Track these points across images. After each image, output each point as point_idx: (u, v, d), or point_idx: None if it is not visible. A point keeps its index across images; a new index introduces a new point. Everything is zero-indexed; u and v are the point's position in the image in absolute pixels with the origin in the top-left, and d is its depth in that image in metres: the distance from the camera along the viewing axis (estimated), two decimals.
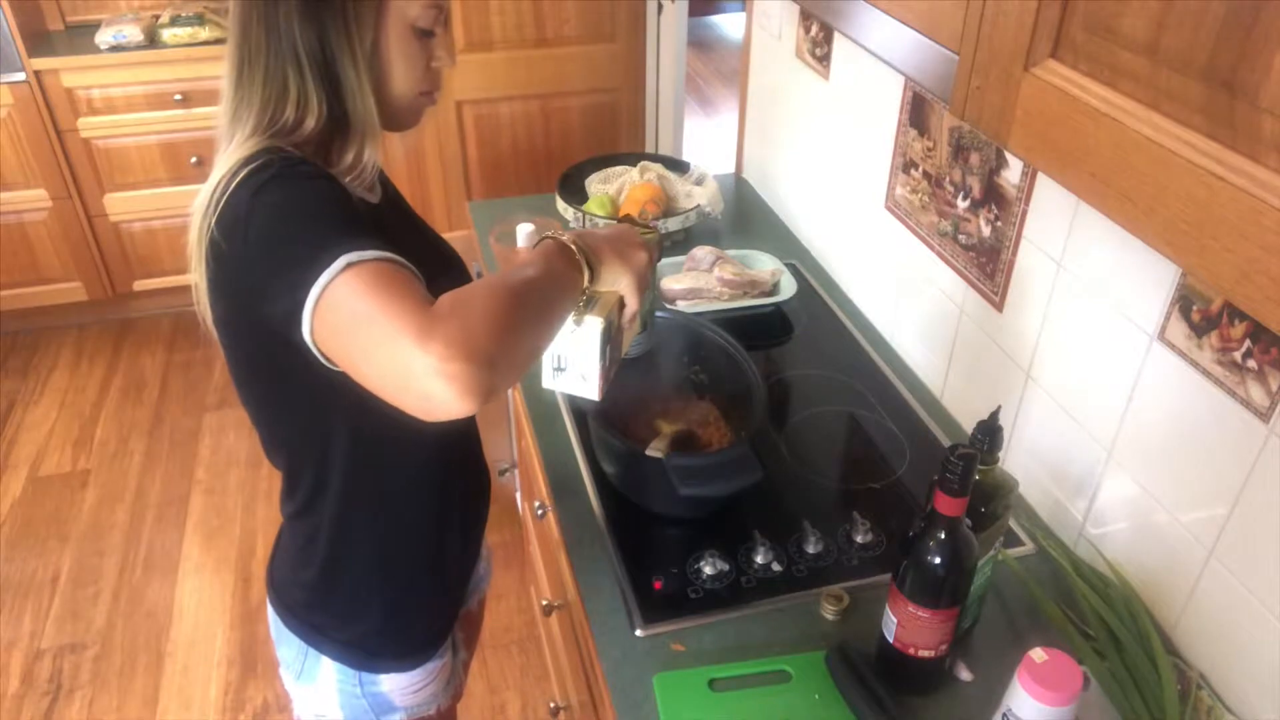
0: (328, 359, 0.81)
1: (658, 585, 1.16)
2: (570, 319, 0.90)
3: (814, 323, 1.70)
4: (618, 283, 0.93)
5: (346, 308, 0.76)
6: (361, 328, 0.76)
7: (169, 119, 3.05)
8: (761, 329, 1.68)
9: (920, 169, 1.47)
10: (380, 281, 0.76)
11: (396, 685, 1.15)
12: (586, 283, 0.89)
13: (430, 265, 0.99)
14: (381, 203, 1.06)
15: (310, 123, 0.90)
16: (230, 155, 0.88)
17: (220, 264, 0.86)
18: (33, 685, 2.20)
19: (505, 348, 0.76)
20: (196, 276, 0.91)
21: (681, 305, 1.66)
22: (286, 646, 1.15)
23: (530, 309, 0.81)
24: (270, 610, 1.16)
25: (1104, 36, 0.63)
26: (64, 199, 3.11)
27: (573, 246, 0.88)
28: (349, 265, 0.76)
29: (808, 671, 1.06)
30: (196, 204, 0.88)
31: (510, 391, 1.88)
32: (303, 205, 0.84)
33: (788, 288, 1.72)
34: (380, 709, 1.15)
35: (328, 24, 0.88)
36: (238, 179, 0.84)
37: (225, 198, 0.84)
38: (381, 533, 1.07)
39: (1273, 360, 0.90)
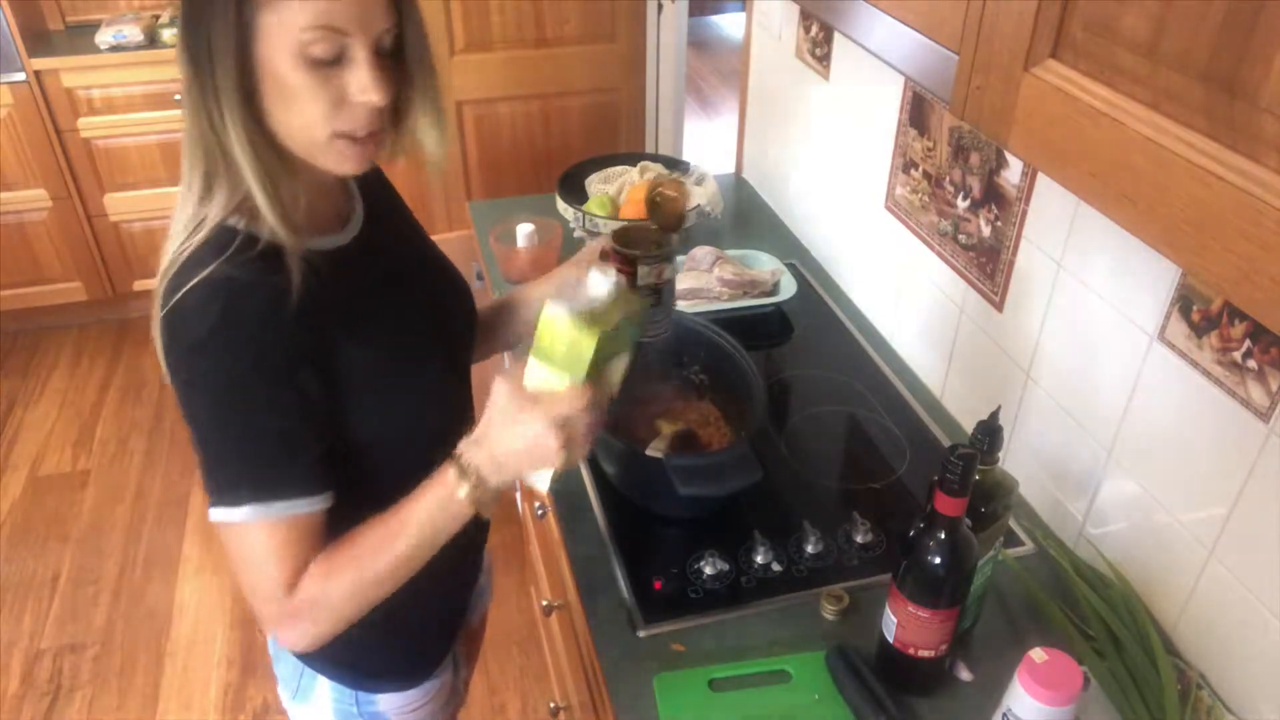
0: None
1: (658, 585, 1.16)
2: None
3: (814, 323, 1.70)
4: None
5: (233, 542, 0.86)
6: (235, 557, 0.87)
7: (169, 119, 3.05)
8: (761, 329, 1.68)
9: (920, 169, 1.47)
10: (262, 545, 0.84)
11: (394, 705, 1.13)
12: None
13: (424, 281, 1.05)
14: (360, 234, 0.98)
15: (236, 171, 0.82)
16: (184, 221, 0.84)
17: (163, 359, 0.84)
18: (33, 685, 2.20)
19: (346, 623, 0.89)
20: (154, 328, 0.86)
21: (681, 305, 1.66)
22: (283, 664, 1.14)
23: (400, 578, 0.89)
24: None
25: (1104, 36, 0.63)
26: (64, 199, 3.11)
27: (472, 493, 0.85)
28: (246, 521, 0.83)
29: (808, 671, 1.06)
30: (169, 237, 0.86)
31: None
32: (234, 407, 0.82)
33: (788, 288, 1.72)
34: None
35: (202, 64, 0.78)
36: (186, 286, 0.80)
37: (170, 303, 0.81)
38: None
39: (1273, 360, 0.90)
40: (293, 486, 0.85)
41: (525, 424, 0.84)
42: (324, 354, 0.86)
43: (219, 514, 0.84)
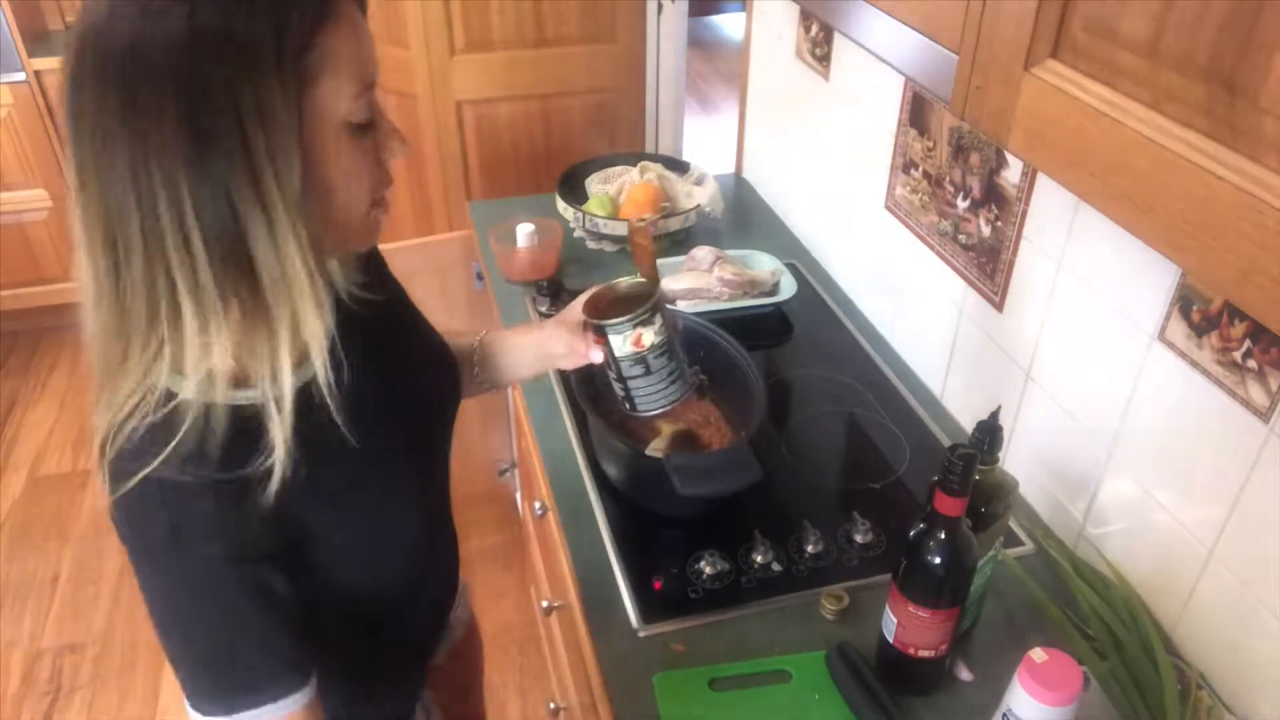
0: None
1: (658, 585, 1.16)
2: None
3: (814, 323, 1.70)
4: None
5: None
6: None
7: None
8: (761, 329, 1.68)
9: (920, 169, 1.47)
10: None
11: None
12: None
13: (417, 381, 0.93)
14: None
15: (216, 340, 0.67)
16: (125, 391, 0.70)
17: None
18: (33, 685, 2.20)
19: None
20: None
21: (681, 305, 1.66)
22: None
23: None
24: None
25: (1104, 36, 0.63)
26: (64, 199, 3.09)
27: None
28: None
29: (808, 671, 1.06)
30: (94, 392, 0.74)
31: (510, 390, 1.88)
32: (193, 620, 0.74)
33: (788, 288, 1.72)
34: None
35: (227, 175, 0.61)
36: (136, 475, 0.69)
37: (118, 489, 0.71)
38: (336, 643, 0.91)
39: (1273, 360, 0.90)
40: (269, 692, 0.75)
41: None
42: (285, 530, 0.75)
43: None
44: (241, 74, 0.60)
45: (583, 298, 1.04)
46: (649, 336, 0.94)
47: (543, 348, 1.08)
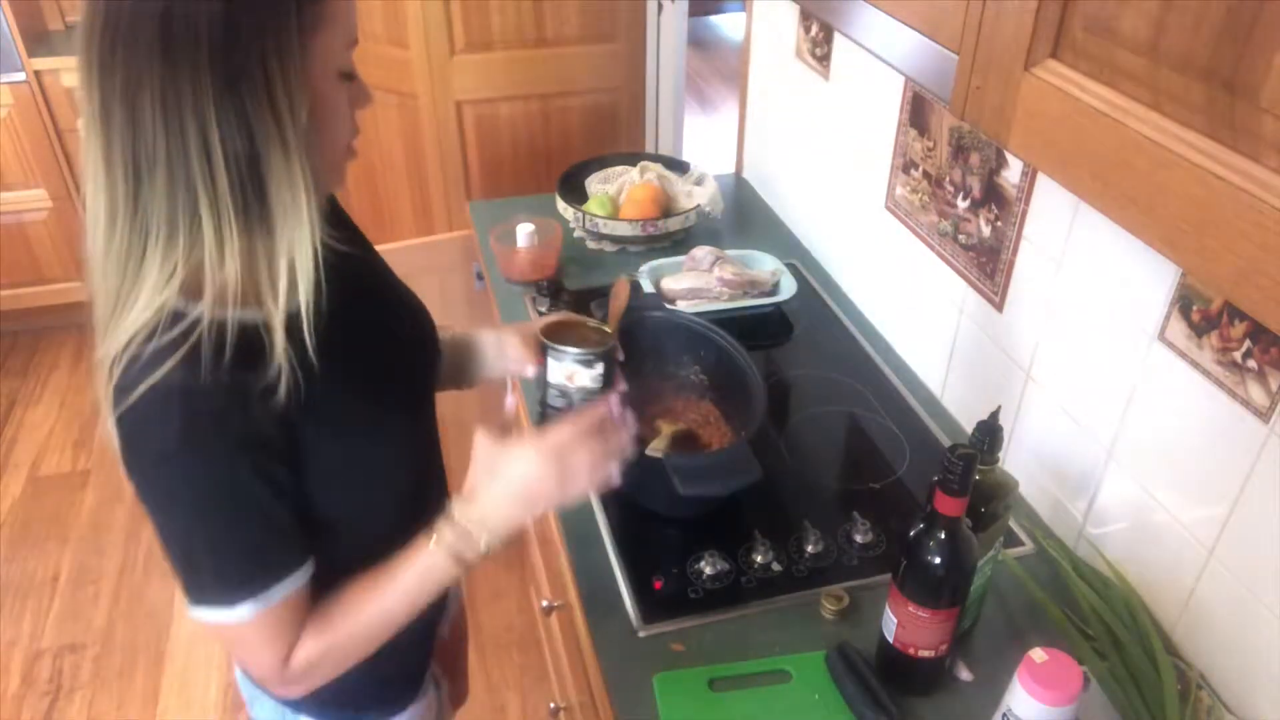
0: None
1: (658, 585, 1.16)
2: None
3: (814, 323, 1.70)
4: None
5: (223, 633, 0.83)
6: (229, 644, 0.87)
7: None
8: (761, 329, 1.68)
9: (920, 169, 1.47)
10: (257, 634, 0.83)
11: None
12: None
13: (380, 318, 0.98)
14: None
15: (226, 251, 0.73)
16: (140, 307, 0.74)
17: (120, 454, 0.78)
18: (33, 685, 2.20)
19: (345, 669, 0.90)
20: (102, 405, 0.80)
21: (681, 305, 1.66)
22: (260, 707, 1.08)
23: (388, 636, 0.89)
24: (239, 674, 1.10)
25: (1104, 36, 0.63)
26: (64, 199, 3.11)
27: (457, 559, 0.86)
28: (236, 622, 0.81)
29: (808, 671, 1.06)
30: (100, 322, 0.79)
31: (509, 390, 1.88)
32: (207, 516, 0.78)
33: (788, 288, 1.72)
34: None
35: (249, 106, 0.69)
36: (139, 388, 0.73)
37: (126, 402, 0.74)
38: None
39: (1273, 360, 0.90)
40: (281, 569, 0.82)
41: (513, 467, 0.86)
42: (286, 436, 0.80)
43: (211, 615, 0.81)
44: (268, 18, 0.69)
45: (552, 317, 1.08)
46: (582, 379, 0.96)
47: (500, 348, 1.13)
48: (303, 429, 0.80)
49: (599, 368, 0.96)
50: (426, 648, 1.16)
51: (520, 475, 0.86)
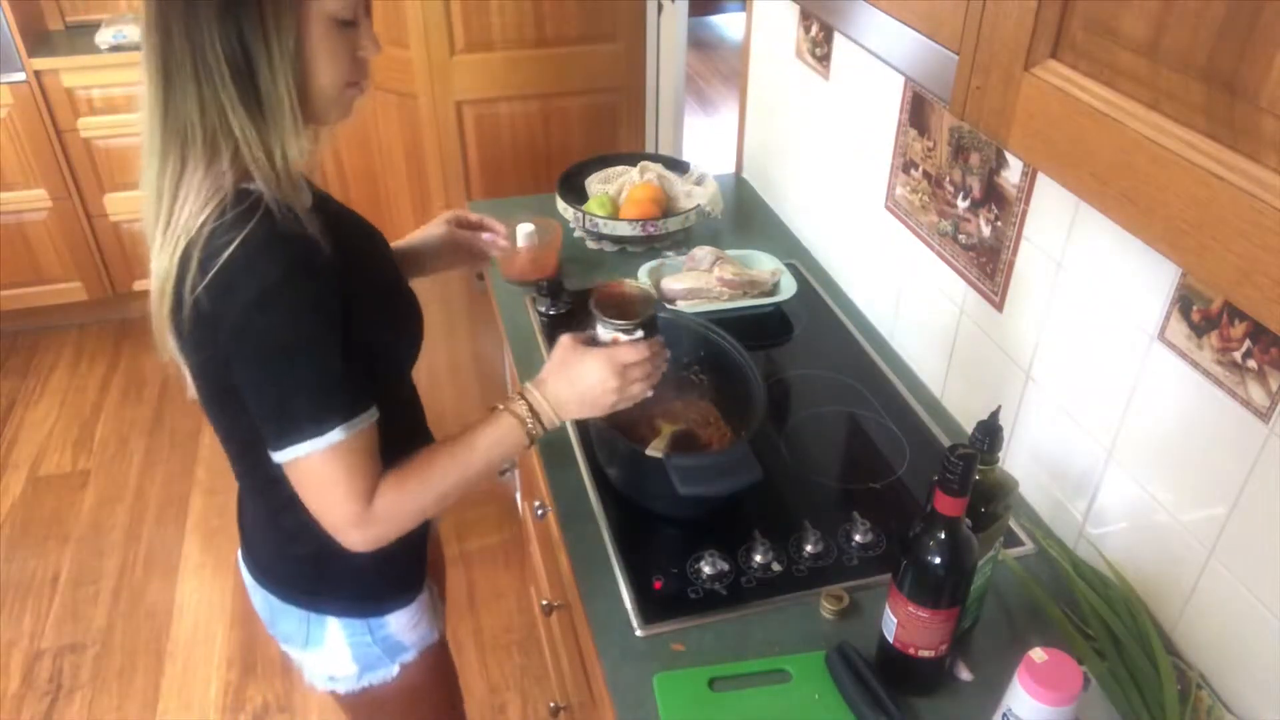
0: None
1: (658, 585, 1.16)
2: None
3: (814, 323, 1.70)
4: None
5: (309, 481, 0.95)
6: (315, 485, 0.95)
7: None
8: (761, 329, 1.68)
9: (920, 169, 1.47)
10: (341, 471, 0.94)
11: (401, 624, 1.20)
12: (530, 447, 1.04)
13: (366, 241, 1.14)
14: (314, 199, 1.05)
15: (249, 138, 0.89)
16: (198, 189, 0.89)
17: (201, 319, 0.90)
18: (33, 685, 2.20)
19: (415, 524, 1.01)
20: (157, 305, 0.94)
21: (681, 305, 1.66)
22: (286, 620, 1.18)
23: (463, 489, 1.02)
24: (261, 592, 1.19)
25: (1104, 36, 0.63)
26: (64, 199, 3.11)
27: (533, 429, 1.03)
28: (326, 448, 0.92)
29: (808, 671, 1.06)
30: (156, 233, 0.91)
31: (509, 391, 1.88)
32: (305, 343, 0.91)
33: (788, 288, 1.72)
34: (393, 651, 1.20)
35: (244, 26, 0.85)
36: (228, 250, 0.86)
37: (216, 265, 0.86)
38: None
39: (1273, 360, 0.90)
40: (363, 398, 0.96)
41: (585, 369, 1.03)
42: (344, 291, 0.94)
43: (303, 448, 0.92)
44: None
45: (602, 285, 1.19)
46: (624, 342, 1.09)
47: (431, 255, 1.36)
48: (349, 278, 0.95)
49: (638, 334, 1.08)
50: (423, 545, 1.27)
51: (588, 377, 1.03)
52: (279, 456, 0.94)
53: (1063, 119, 0.67)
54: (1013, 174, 1.25)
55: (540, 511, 1.49)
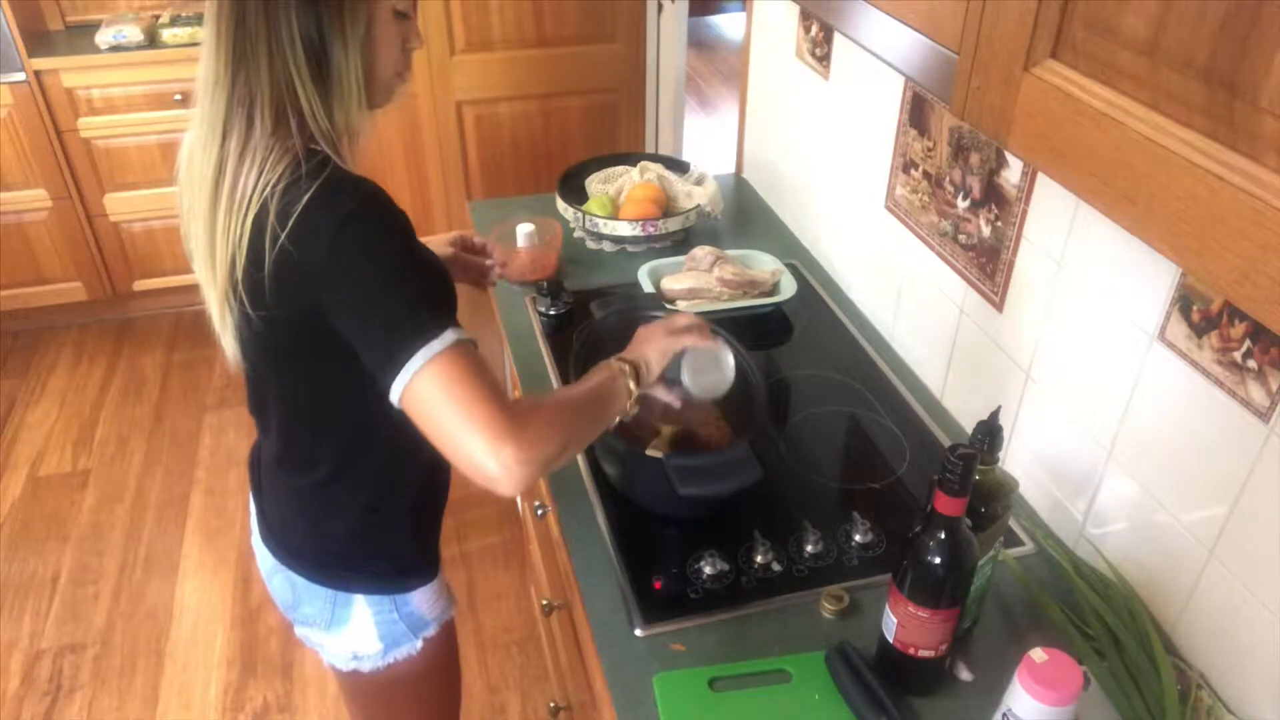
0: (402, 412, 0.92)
1: (658, 585, 1.16)
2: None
3: (814, 323, 1.70)
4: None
5: (441, 389, 0.88)
6: (451, 412, 0.88)
7: (169, 119, 3.05)
8: (761, 329, 1.68)
9: (920, 169, 1.47)
10: (471, 370, 0.89)
11: (424, 599, 1.22)
12: (632, 398, 1.07)
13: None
14: None
15: (316, 110, 0.95)
16: (264, 153, 0.93)
17: (286, 269, 0.91)
18: (33, 685, 2.20)
19: (561, 455, 0.94)
20: (222, 253, 0.94)
21: (681, 305, 1.66)
22: (310, 602, 1.20)
23: (589, 423, 1.01)
24: (285, 574, 1.20)
25: (1104, 36, 0.64)
26: (64, 199, 3.11)
27: (629, 374, 1.07)
28: (450, 345, 0.89)
29: (808, 671, 1.06)
30: (223, 196, 0.94)
31: (509, 391, 1.88)
32: (399, 260, 0.92)
33: (788, 288, 1.72)
34: (416, 626, 1.22)
35: (324, 14, 0.92)
36: (307, 193, 0.89)
37: (297, 208, 0.89)
38: (416, 468, 1.17)
39: (1273, 360, 0.90)
40: (451, 317, 0.95)
41: (653, 329, 1.15)
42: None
43: (424, 354, 0.88)
44: None
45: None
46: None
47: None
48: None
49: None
50: (440, 522, 1.29)
51: (654, 332, 1.14)
52: (398, 383, 0.88)
53: (1063, 119, 0.67)
54: (1013, 174, 1.25)
55: (540, 511, 1.49)
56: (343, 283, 0.91)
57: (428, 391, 0.88)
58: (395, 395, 0.89)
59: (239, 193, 0.92)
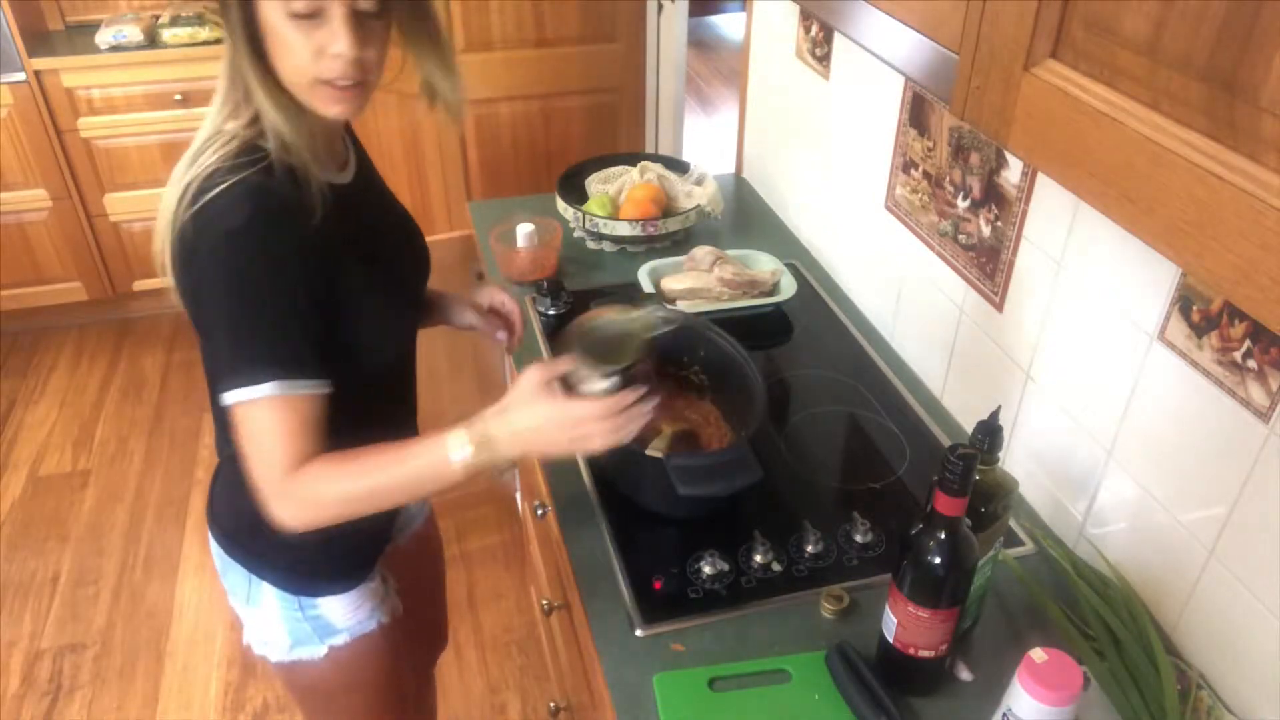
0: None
1: (658, 585, 1.16)
2: None
3: (814, 323, 1.70)
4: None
5: (242, 430, 0.95)
6: (250, 437, 0.96)
7: (169, 119, 3.05)
8: (761, 329, 1.68)
9: (920, 169, 1.47)
10: (267, 427, 0.94)
11: (336, 606, 1.20)
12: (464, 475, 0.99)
13: (394, 239, 1.19)
14: (353, 181, 1.12)
15: (262, 105, 0.95)
16: (218, 142, 0.96)
17: (184, 255, 0.95)
18: (33, 685, 2.20)
19: (338, 519, 0.98)
20: (161, 243, 0.99)
21: (681, 305, 1.66)
22: (232, 574, 1.20)
23: (382, 500, 1.00)
24: (212, 540, 1.22)
25: (1104, 36, 0.63)
26: (64, 199, 3.11)
27: (469, 458, 0.97)
28: (260, 398, 0.93)
29: (808, 671, 1.06)
30: (178, 173, 0.96)
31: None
32: (257, 292, 0.93)
33: (788, 288, 1.72)
34: (323, 631, 1.21)
35: (228, 13, 0.93)
36: (216, 188, 0.92)
37: (203, 199, 0.92)
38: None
39: (1273, 360, 0.90)
40: (306, 368, 0.95)
41: (540, 412, 0.98)
42: (330, 266, 0.98)
43: (241, 393, 0.93)
44: None
45: (595, 313, 1.17)
46: (595, 386, 1.02)
47: (460, 313, 1.37)
48: (343, 259, 1.00)
49: (611, 382, 1.02)
50: (379, 542, 1.28)
51: (543, 423, 0.98)
52: (223, 399, 0.95)
53: (1063, 119, 0.67)
54: (1013, 174, 1.25)
55: (540, 511, 1.49)
56: (203, 287, 0.95)
57: (235, 424, 0.96)
58: (224, 396, 0.95)
59: (192, 170, 0.95)
